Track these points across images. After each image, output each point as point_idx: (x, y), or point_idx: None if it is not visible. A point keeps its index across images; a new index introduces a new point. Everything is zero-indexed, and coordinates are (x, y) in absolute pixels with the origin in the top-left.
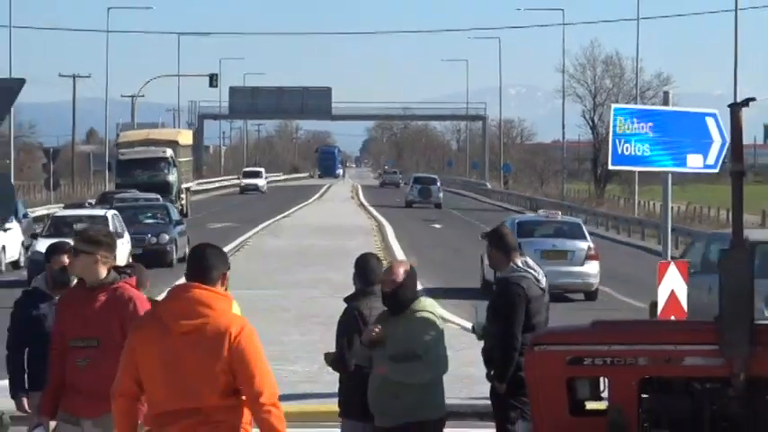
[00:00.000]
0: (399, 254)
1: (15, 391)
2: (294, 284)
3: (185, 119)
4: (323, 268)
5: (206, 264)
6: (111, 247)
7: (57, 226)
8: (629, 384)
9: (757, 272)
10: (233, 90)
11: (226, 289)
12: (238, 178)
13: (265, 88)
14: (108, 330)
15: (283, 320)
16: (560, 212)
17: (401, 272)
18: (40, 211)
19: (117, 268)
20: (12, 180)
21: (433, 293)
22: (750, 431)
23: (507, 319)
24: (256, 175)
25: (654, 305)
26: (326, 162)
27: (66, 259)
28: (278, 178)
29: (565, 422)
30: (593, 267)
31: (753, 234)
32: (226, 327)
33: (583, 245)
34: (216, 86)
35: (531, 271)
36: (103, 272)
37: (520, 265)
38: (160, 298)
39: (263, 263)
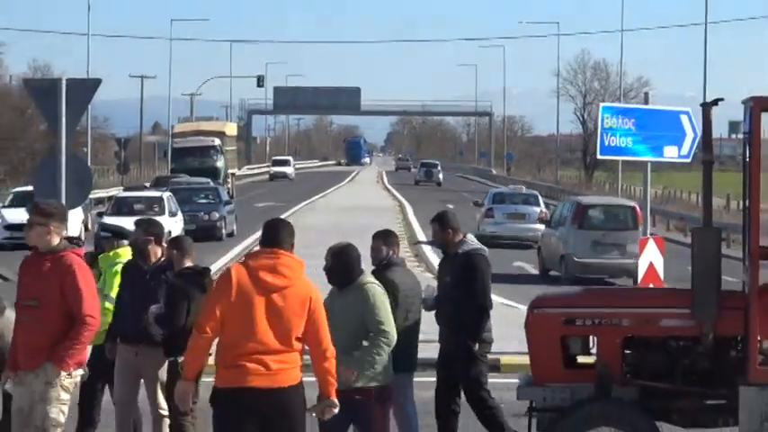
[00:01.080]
0: (417, 229)
1: None
2: (314, 256)
3: (236, 114)
4: (353, 241)
5: (283, 234)
6: (63, 219)
7: (118, 206)
8: (614, 342)
9: (603, 224)
10: (277, 90)
11: None
12: (268, 166)
13: (304, 88)
14: (48, 292)
15: (321, 285)
16: (524, 187)
17: (329, 255)
18: (112, 192)
19: (69, 239)
20: (89, 165)
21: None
22: (716, 382)
23: (481, 284)
24: (285, 163)
25: None
26: (353, 151)
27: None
28: (312, 165)
29: (559, 374)
30: (541, 226)
31: (584, 200)
32: (306, 292)
33: (536, 209)
34: (262, 86)
35: (483, 246)
36: (55, 240)
37: (475, 240)
38: (213, 267)
39: (302, 236)
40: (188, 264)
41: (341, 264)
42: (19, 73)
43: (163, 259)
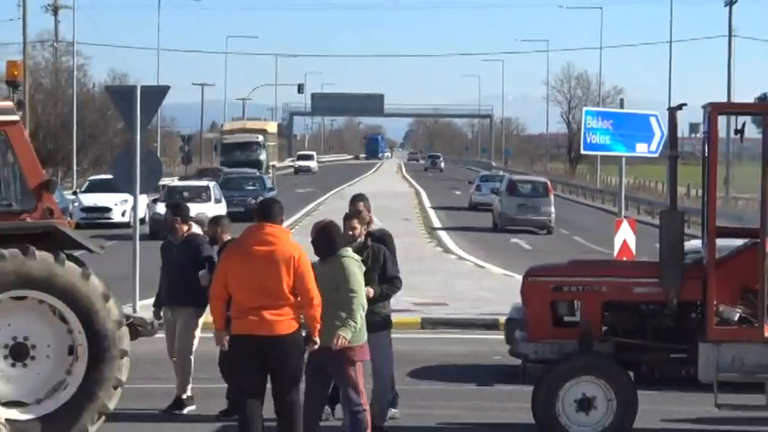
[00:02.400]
0: (430, 211)
1: None
2: None
3: (280, 116)
4: (377, 220)
5: (273, 210)
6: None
7: (170, 194)
8: (595, 305)
9: (525, 193)
10: (314, 95)
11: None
12: (278, 162)
13: (337, 94)
14: None
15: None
16: (501, 171)
17: (313, 230)
18: (165, 181)
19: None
20: (159, 157)
21: (456, 231)
22: (679, 339)
23: (394, 259)
24: (309, 158)
25: None
26: (371, 147)
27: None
28: (335, 159)
29: (549, 332)
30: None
31: (514, 177)
32: (290, 252)
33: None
34: (302, 92)
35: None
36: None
37: (380, 223)
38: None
39: (333, 217)
40: (227, 237)
41: (323, 238)
42: (101, 81)
43: (188, 234)
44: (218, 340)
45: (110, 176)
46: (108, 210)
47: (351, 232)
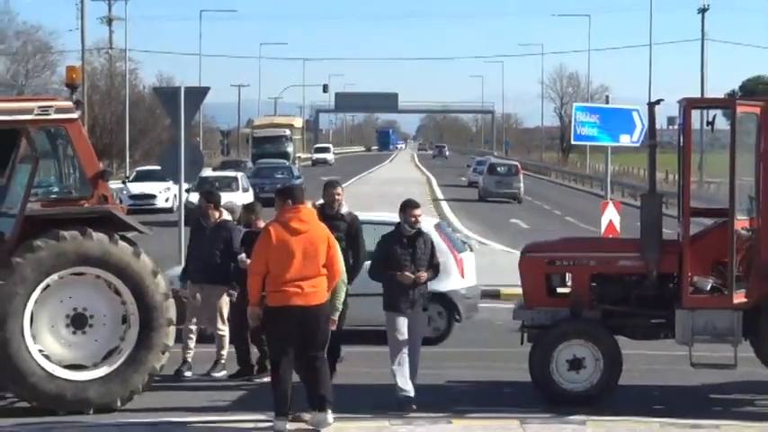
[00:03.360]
0: (440, 194)
1: None
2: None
3: (307, 113)
4: (390, 206)
5: (298, 194)
6: None
7: (202, 184)
8: (584, 277)
9: (500, 172)
10: (337, 94)
11: None
12: (301, 154)
13: (357, 93)
14: None
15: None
16: (491, 157)
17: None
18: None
19: None
20: (201, 150)
21: (464, 215)
22: (658, 306)
23: (360, 241)
24: (326, 150)
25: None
26: (383, 140)
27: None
28: (350, 151)
29: (543, 300)
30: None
31: (492, 159)
32: (324, 232)
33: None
34: (326, 92)
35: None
36: None
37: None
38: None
39: (358, 200)
40: (261, 224)
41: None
42: (150, 83)
43: (220, 219)
44: (254, 316)
45: (154, 167)
46: (153, 197)
47: (337, 198)
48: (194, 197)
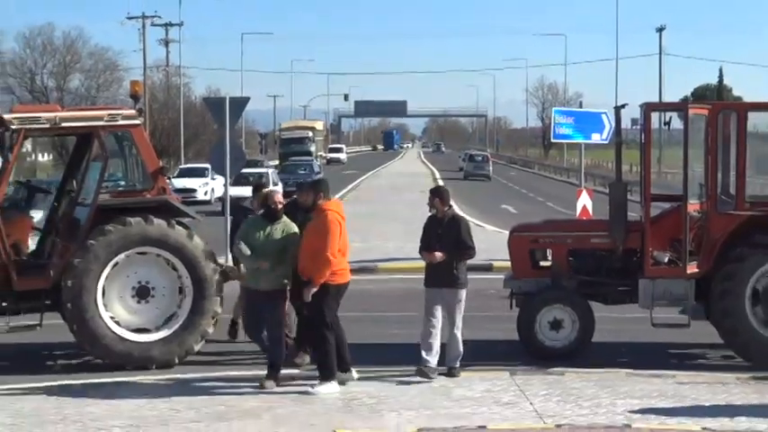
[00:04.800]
0: (441, 182)
1: None
2: (387, 202)
3: (331, 118)
4: (404, 194)
5: (330, 188)
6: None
7: (238, 179)
8: (562, 252)
9: (475, 160)
10: (356, 102)
11: None
12: (324, 153)
13: (373, 101)
14: None
15: (383, 220)
16: (473, 150)
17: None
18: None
19: None
20: (243, 149)
21: (460, 201)
22: (624, 276)
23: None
24: (339, 150)
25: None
26: (388, 140)
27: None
28: (360, 150)
29: (529, 272)
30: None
31: (470, 151)
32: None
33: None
34: (347, 100)
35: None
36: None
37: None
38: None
39: (373, 190)
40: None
41: (267, 204)
42: (200, 94)
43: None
44: (306, 294)
45: (195, 166)
46: (194, 191)
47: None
48: (231, 190)
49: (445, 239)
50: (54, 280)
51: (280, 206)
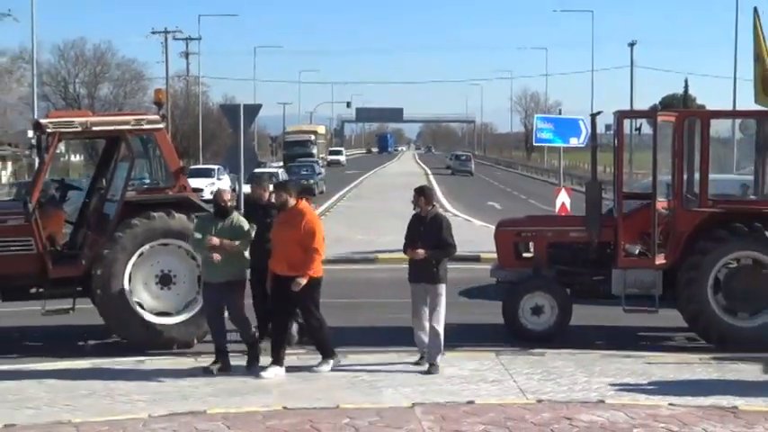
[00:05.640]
0: (436, 185)
1: None
2: (387, 199)
3: (335, 123)
4: (400, 192)
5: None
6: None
7: (251, 178)
8: (543, 245)
9: (459, 159)
10: (358, 109)
11: None
12: (325, 155)
13: (372, 107)
14: None
15: (382, 215)
16: (458, 151)
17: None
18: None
19: None
20: (255, 150)
21: (451, 197)
22: (599, 267)
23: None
24: (339, 152)
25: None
26: (382, 143)
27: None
28: (358, 152)
29: (513, 262)
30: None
31: (456, 151)
32: None
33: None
34: (350, 107)
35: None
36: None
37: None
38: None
39: (373, 189)
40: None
41: (217, 202)
42: (217, 101)
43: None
44: (296, 285)
45: (202, 166)
46: (201, 190)
47: (264, 192)
48: (247, 188)
49: (427, 237)
50: (85, 268)
51: (229, 204)
